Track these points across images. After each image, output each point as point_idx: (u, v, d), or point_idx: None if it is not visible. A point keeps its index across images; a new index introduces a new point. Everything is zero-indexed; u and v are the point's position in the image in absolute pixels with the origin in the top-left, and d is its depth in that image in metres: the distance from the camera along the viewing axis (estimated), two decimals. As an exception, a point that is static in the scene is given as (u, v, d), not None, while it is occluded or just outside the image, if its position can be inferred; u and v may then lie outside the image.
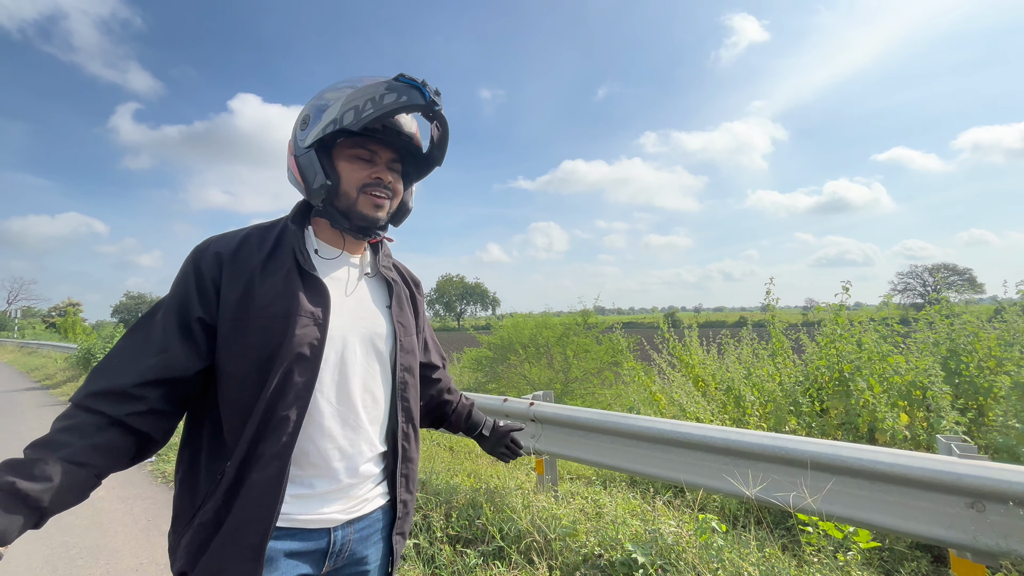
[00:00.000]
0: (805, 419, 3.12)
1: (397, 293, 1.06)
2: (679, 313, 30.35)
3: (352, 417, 0.93)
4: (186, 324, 0.86)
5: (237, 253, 0.90)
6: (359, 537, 0.95)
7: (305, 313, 0.87)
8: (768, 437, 2.15)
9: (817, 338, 3.40)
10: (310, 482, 0.89)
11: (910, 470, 1.77)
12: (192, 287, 0.87)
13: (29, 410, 7.84)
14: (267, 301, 0.87)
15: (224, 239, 0.93)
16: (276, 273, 0.90)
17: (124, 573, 2.64)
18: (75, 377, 10.79)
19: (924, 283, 58.05)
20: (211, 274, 0.88)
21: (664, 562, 2.10)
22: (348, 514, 0.93)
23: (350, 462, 0.92)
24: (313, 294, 0.90)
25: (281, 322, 0.86)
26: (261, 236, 0.95)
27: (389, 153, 0.99)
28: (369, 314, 0.99)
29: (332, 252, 1.00)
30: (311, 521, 0.89)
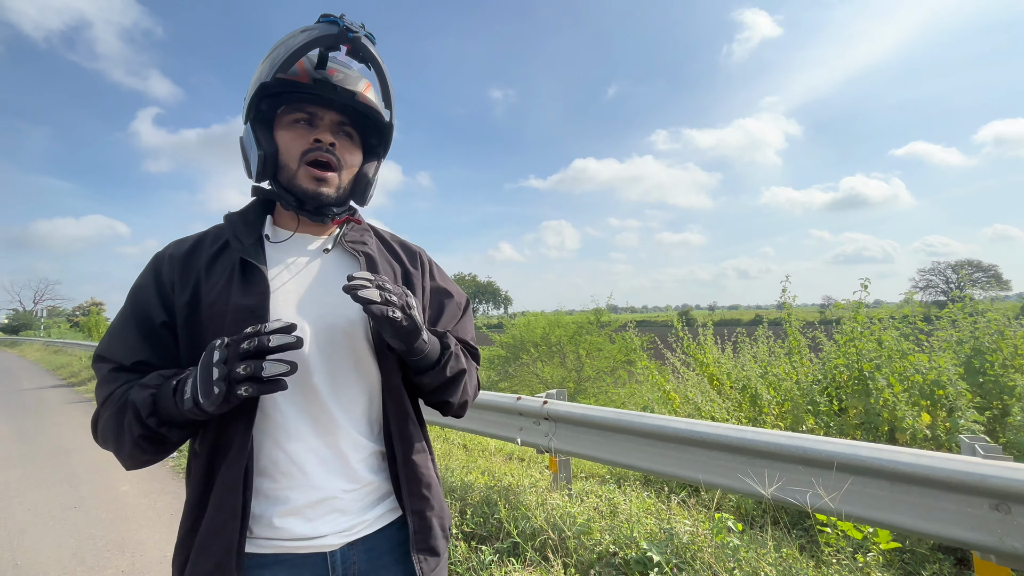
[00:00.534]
0: (823, 418, 3.07)
1: (371, 264, 0.90)
2: (693, 311, 30.13)
3: (324, 416, 0.80)
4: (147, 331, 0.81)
5: (189, 255, 0.85)
6: (369, 558, 0.82)
7: (239, 307, 0.78)
8: (785, 436, 2.13)
9: (835, 336, 3.35)
10: (285, 495, 0.78)
11: (932, 470, 1.74)
12: (151, 293, 0.82)
13: (56, 406, 8.07)
14: (211, 300, 0.80)
15: (181, 242, 0.88)
16: (222, 269, 0.83)
17: (149, 565, 2.71)
18: (99, 375, 11.07)
19: (947, 280, 56.66)
20: (168, 278, 0.83)
21: (679, 561, 2.09)
22: (347, 536, 0.80)
23: (330, 466, 0.80)
24: (251, 285, 0.80)
25: (220, 320, 0.78)
26: (217, 234, 0.88)
27: (332, 114, 0.87)
28: (332, 298, 0.84)
29: (284, 234, 0.89)
30: (298, 545, 0.77)
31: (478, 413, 3.50)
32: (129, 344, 0.80)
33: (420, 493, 0.86)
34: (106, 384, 0.80)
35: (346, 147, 0.89)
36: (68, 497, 3.80)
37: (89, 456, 4.94)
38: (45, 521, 3.36)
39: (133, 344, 0.80)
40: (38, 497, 3.82)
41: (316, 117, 0.86)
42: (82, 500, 3.73)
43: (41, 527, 3.26)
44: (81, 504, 3.65)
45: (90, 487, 4.01)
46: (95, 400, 0.83)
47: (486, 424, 3.44)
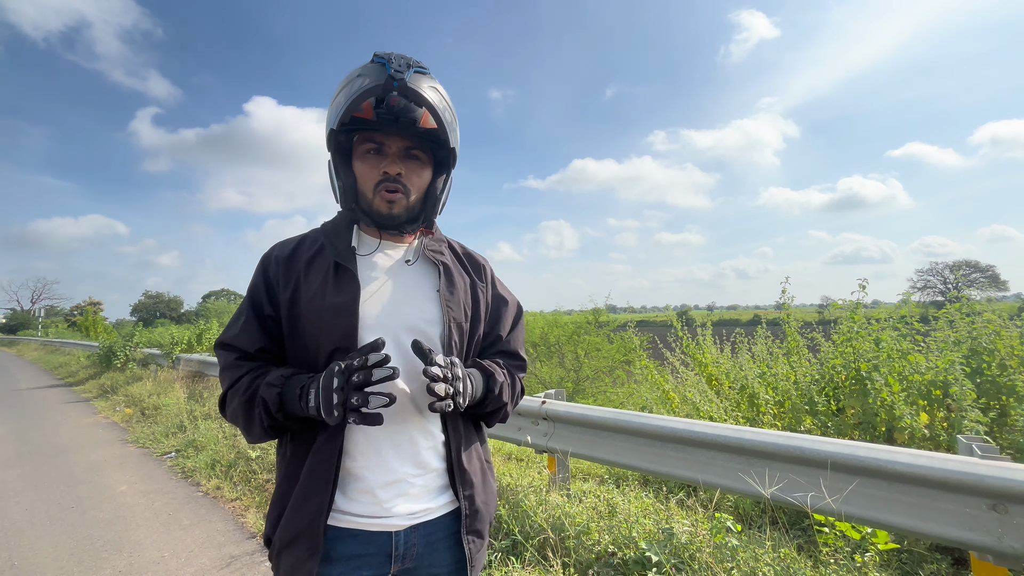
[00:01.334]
0: (821, 418, 3.08)
1: (447, 276, 1.01)
2: (692, 311, 30.07)
3: (400, 405, 0.91)
4: (263, 320, 0.96)
5: (291, 256, 0.97)
6: (428, 542, 0.93)
7: (336, 305, 0.90)
8: (783, 436, 2.13)
9: (833, 336, 3.35)
10: (363, 474, 0.90)
11: (930, 471, 1.75)
12: (261, 290, 0.96)
13: (55, 406, 8.05)
14: (309, 297, 0.92)
15: (283, 244, 1.01)
16: (319, 271, 0.95)
17: (147, 565, 2.71)
18: (97, 375, 11.04)
19: (945, 280, 56.78)
20: (274, 276, 0.96)
21: (678, 561, 2.10)
22: (411, 520, 0.91)
23: (401, 451, 0.91)
24: (344, 285, 0.92)
25: (317, 315, 0.90)
26: (315, 238, 1.00)
27: (398, 141, 0.94)
28: (416, 300, 0.97)
29: (370, 245, 1.00)
30: (370, 523, 0.89)
31: (477, 413, 3.50)
32: (250, 334, 0.94)
33: (471, 482, 0.97)
34: (232, 370, 0.93)
35: (413, 170, 0.97)
36: (66, 497, 3.79)
37: (87, 456, 4.93)
38: (43, 521, 3.35)
39: (253, 334, 0.95)
40: (36, 497, 3.81)
41: (384, 146, 0.95)
42: (80, 500, 3.72)
43: (38, 527, 3.26)
44: (79, 504, 3.64)
45: (88, 487, 4.00)
46: (220, 382, 0.97)
47: (485, 424, 3.44)
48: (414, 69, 0.89)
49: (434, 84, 0.93)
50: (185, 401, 6.69)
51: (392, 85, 0.86)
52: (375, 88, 0.86)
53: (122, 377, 9.78)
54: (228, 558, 2.76)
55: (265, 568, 2.64)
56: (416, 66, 0.89)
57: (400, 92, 0.87)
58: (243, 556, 2.78)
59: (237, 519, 3.27)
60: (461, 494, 0.95)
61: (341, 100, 0.89)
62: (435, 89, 0.92)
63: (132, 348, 11.31)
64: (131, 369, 10.47)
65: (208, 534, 3.07)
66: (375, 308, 0.93)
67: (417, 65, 0.90)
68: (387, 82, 0.86)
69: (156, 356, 10.40)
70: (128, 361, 10.94)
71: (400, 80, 0.86)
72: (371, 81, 0.86)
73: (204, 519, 3.30)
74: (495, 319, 1.10)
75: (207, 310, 31.18)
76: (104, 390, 9.07)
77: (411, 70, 0.88)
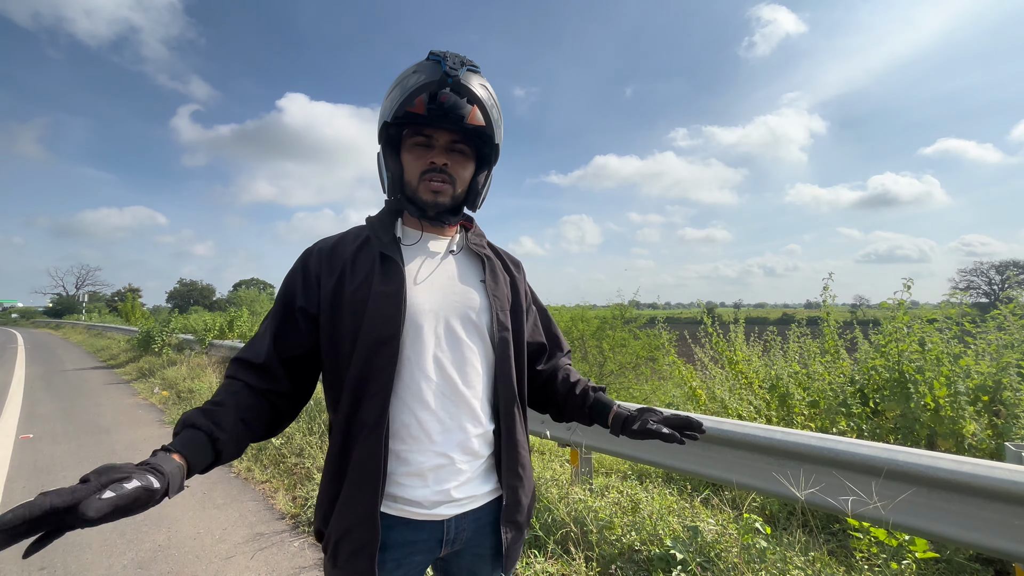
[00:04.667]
0: (855, 420, 2.98)
1: (491, 268, 1.05)
2: (718, 309, 29.63)
3: (450, 390, 0.94)
4: (288, 314, 0.96)
5: (335, 249, 1.00)
6: (476, 527, 0.97)
7: (382, 294, 0.92)
8: (816, 438, 2.07)
9: (873, 337, 3.23)
10: (412, 457, 0.91)
11: (974, 478, 1.68)
12: (298, 283, 0.97)
13: (98, 387, 8.45)
14: (355, 287, 0.94)
15: (327, 239, 1.03)
16: (364, 262, 0.97)
17: (183, 541, 2.83)
18: (136, 358, 11.53)
19: (990, 281, 54.08)
20: (315, 270, 0.98)
21: (704, 560, 2.07)
22: (460, 507, 0.94)
23: (451, 436, 0.93)
24: (390, 275, 0.94)
25: (362, 304, 0.92)
26: (357, 233, 1.03)
27: (447, 135, 0.98)
28: (461, 289, 1.00)
29: (414, 236, 1.03)
30: (420, 512, 0.91)
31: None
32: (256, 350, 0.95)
33: (516, 471, 0.99)
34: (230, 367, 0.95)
35: (458, 162, 1.00)
36: (108, 473, 3.99)
37: (127, 435, 5.17)
38: (87, 495, 3.53)
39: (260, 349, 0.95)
40: (81, 472, 4.01)
41: (432, 139, 0.98)
42: (121, 476, 3.90)
43: (84, 501, 3.43)
44: (120, 480, 3.82)
45: (128, 464, 4.20)
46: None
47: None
48: (467, 67, 0.92)
49: (484, 82, 0.96)
50: (217, 386, 6.93)
51: (446, 81, 0.89)
52: (430, 84, 0.90)
53: (159, 361, 10.19)
54: (258, 536, 2.86)
55: (294, 547, 2.72)
56: (469, 64, 0.92)
57: (453, 88, 0.91)
58: (272, 535, 2.87)
59: (267, 500, 3.38)
60: (504, 483, 0.98)
61: (396, 94, 0.93)
62: (484, 87, 0.95)
63: (168, 334, 11.76)
64: (167, 354, 10.89)
65: (240, 513, 3.18)
66: (422, 296, 0.95)
67: (470, 64, 0.93)
68: (442, 78, 0.89)
69: (190, 341, 10.80)
70: (164, 346, 11.37)
71: (454, 77, 0.89)
72: (426, 77, 0.90)
73: (236, 499, 3.42)
74: (547, 319, 1.19)
75: (238, 298, 32.13)
76: (142, 373, 9.47)
77: (464, 68, 0.91)
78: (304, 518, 3.02)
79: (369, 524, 0.87)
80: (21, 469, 4.12)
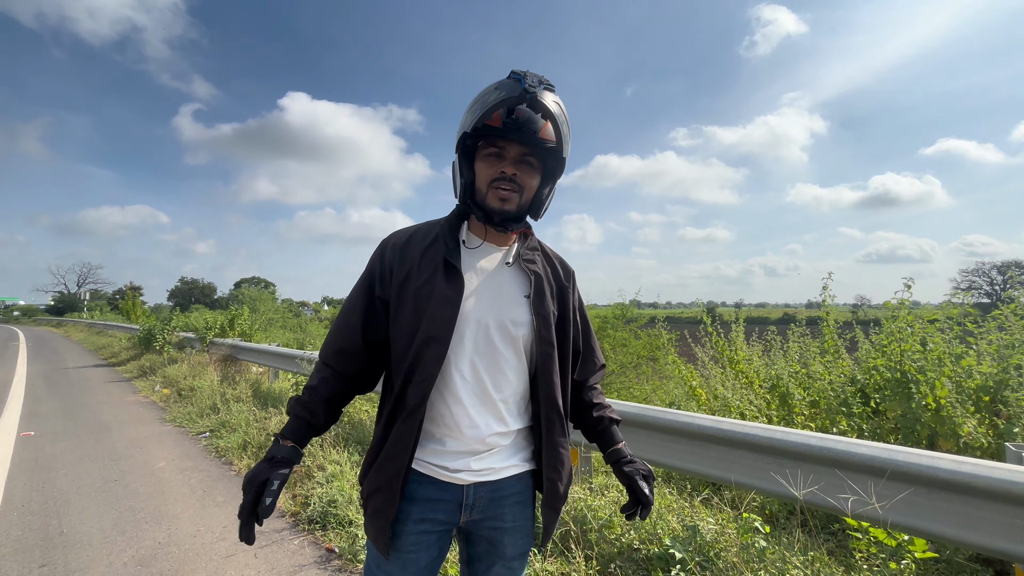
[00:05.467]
0: (856, 420, 2.98)
1: (538, 284, 1.12)
2: (719, 308, 29.38)
3: (481, 391, 1.06)
4: (371, 301, 1.10)
5: (407, 245, 1.11)
6: (492, 498, 1.08)
7: (442, 297, 1.03)
8: (816, 437, 2.07)
9: (873, 336, 3.22)
10: (443, 440, 1.06)
11: (974, 478, 1.67)
12: (376, 272, 1.11)
13: (99, 385, 8.47)
14: (420, 284, 1.05)
15: (400, 233, 1.15)
16: (430, 262, 1.08)
17: (183, 538, 2.83)
18: (137, 356, 11.55)
19: (991, 281, 53.95)
20: (389, 262, 1.10)
21: (703, 559, 2.07)
22: (477, 477, 1.06)
23: (477, 431, 1.05)
24: (451, 281, 1.05)
25: (425, 302, 1.04)
26: (427, 231, 1.13)
27: (517, 148, 1.07)
28: (507, 302, 1.09)
29: (476, 242, 1.13)
30: (445, 474, 1.05)
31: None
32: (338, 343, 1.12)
33: (555, 467, 1.10)
34: (320, 353, 1.14)
35: (526, 173, 1.09)
36: (109, 471, 4.00)
37: (128, 433, 5.18)
38: (88, 492, 3.54)
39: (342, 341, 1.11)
40: (82, 470, 4.03)
41: (505, 150, 1.07)
42: (122, 474, 3.91)
43: (85, 498, 3.44)
44: (121, 478, 3.83)
45: (129, 462, 4.20)
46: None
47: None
48: (544, 86, 1.01)
49: (558, 99, 1.05)
50: (218, 384, 6.94)
51: (524, 97, 0.99)
52: (510, 99, 0.99)
53: (160, 359, 10.20)
54: (258, 534, 2.86)
55: (294, 545, 2.73)
56: (546, 83, 1.02)
57: (530, 104, 1.01)
58: (272, 533, 2.88)
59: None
60: (545, 476, 1.10)
61: (477, 108, 1.03)
62: (558, 104, 1.04)
63: (169, 332, 11.77)
64: (168, 352, 10.90)
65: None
66: (471, 303, 1.06)
67: (547, 83, 1.02)
68: (520, 94, 0.99)
69: (191, 340, 10.80)
70: (165, 344, 11.39)
71: (532, 94, 0.99)
72: (506, 93, 0.99)
73: (236, 497, 3.42)
74: (587, 331, 1.25)
75: (239, 296, 32.14)
76: (144, 371, 9.48)
77: (542, 86, 1.00)
78: (304, 516, 3.03)
79: (392, 489, 1.01)
80: (22, 466, 4.13)
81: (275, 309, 29.18)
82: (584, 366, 1.24)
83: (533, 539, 1.15)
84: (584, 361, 1.24)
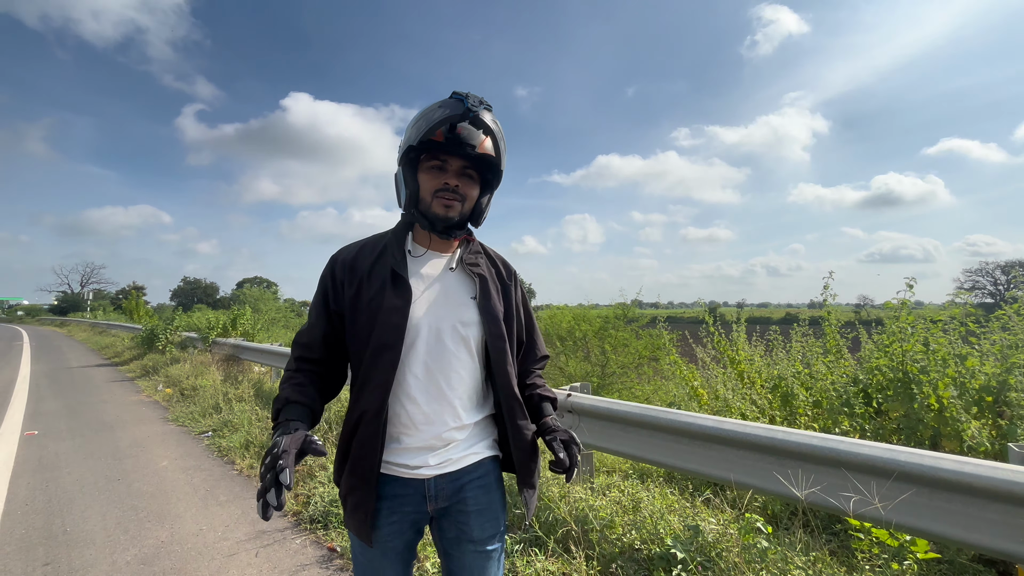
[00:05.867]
0: (858, 421, 2.97)
1: (483, 286, 1.21)
2: (721, 308, 28.98)
3: (435, 391, 1.13)
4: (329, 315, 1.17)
5: (355, 260, 1.18)
6: (455, 486, 1.16)
7: (391, 307, 1.11)
8: (818, 438, 2.07)
9: (875, 336, 3.21)
10: (399, 438, 1.13)
11: (977, 479, 1.67)
12: (329, 288, 1.18)
13: (102, 384, 8.50)
14: (370, 297, 1.13)
15: (348, 248, 1.22)
16: (378, 274, 1.15)
17: (186, 537, 2.84)
18: (140, 355, 11.58)
19: (995, 281, 53.70)
20: (340, 278, 1.17)
21: (704, 559, 2.07)
22: (437, 470, 1.14)
23: (433, 428, 1.13)
24: (399, 291, 1.13)
25: (376, 313, 1.11)
26: (374, 244, 1.22)
27: (459, 161, 1.16)
28: (455, 305, 1.17)
29: (420, 251, 1.21)
30: (406, 472, 1.13)
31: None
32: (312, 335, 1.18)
33: (524, 449, 1.19)
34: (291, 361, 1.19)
35: (467, 184, 1.18)
36: (113, 470, 4.01)
37: (131, 432, 5.20)
38: (91, 491, 3.55)
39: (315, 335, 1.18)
40: (85, 469, 4.05)
41: (447, 163, 1.16)
42: (125, 473, 3.93)
43: (88, 497, 3.46)
44: (124, 477, 3.84)
45: (132, 461, 4.22)
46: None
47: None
48: (484, 106, 1.11)
49: (495, 119, 1.15)
50: (220, 383, 6.96)
51: (468, 115, 1.09)
52: (454, 116, 1.08)
53: (162, 359, 10.23)
54: (261, 533, 2.87)
55: (296, 545, 2.73)
56: (485, 104, 1.12)
57: (472, 122, 1.10)
58: (274, 532, 2.88)
59: (270, 498, 3.39)
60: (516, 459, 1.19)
61: (423, 124, 1.10)
62: (495, 122, 1.15)
63: (172, 331, 11.80)
64: (170, 351, 10.93)
65: (243, 511, 3.19)
66: (421, 309, 1.14)
67: (486, 103, 1.12)
68: (464, 112, 1.08)
69: (193, 339, 10.83)
70: (168, 344, 11.42)
71: (474, 112, 1.09)
72: (451, 111, 1.08)
73: (239, 496, 3.44)
74: (530, 325, 1.34)
75: (241, 296, 32.21)
76: (146, 370, 9.51)
77: (482, 106, 1.10)
78: (306, 516, 3.03)
79: (368, 486, 1.09)
80: (26, 465, 4.15)
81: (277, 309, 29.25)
82: (527, 356, 1.33)
83: (503, 523, 1.22)
84: (527, 351, 1.33)
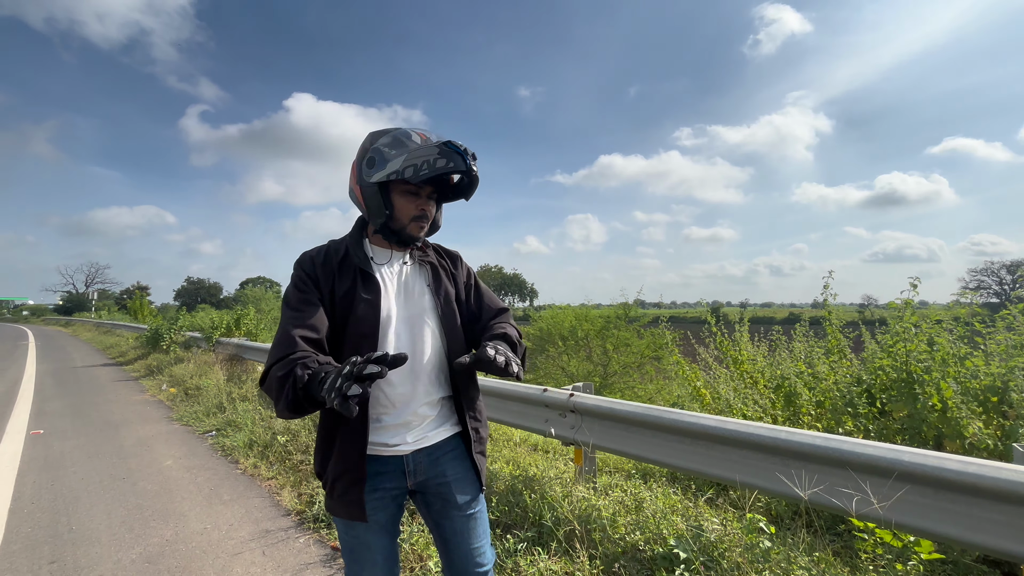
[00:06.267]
0: (862, 421, 2.96)
1: (435, 273, 1.38)
2: (724, 308, 28.76)
3: (407, 370, 1.26)
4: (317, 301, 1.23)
5: (325, 260, 1.29)
6: (431, 460, 1.30)
7: (364, 300, 1.24)
8: (820, 438, 2.06)
9: (879, 336, 3.20)
10: (380, 418, 1.26)
11: (981, 479, 1.66)
12: (308, 281, 1.25)
13: (107, 384, 8.55)
14: (343, 292, 1.25)
15: (314, 251, 1.33)
16: (348, 273, 1.28)
17: (191, 536, 2.86)
18: (144, 355, 11.63)
19: (1001, 281, 53.40)
20: (313, 274, 1.26)
21: (707, 559, 2.07)
22: (414, 446, 1.28)
23: (409, 406, 1.27)
24: (369, 287, 1.27)
25: (349, 306, 1.24)
26: (336, 248, 1.34)
27: (430, 188, 1.32)
28: (417, 294, 1.33)
29: (384, 256, 1.36)
30: (386, 450, 1.26)
31: (504, 403, 3.52)
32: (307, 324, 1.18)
33: (476, 416, 1.38)
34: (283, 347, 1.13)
35: (434, 207, 1.35)
36: (117, 469, 4.04)
37: (136, 431, 5.23)
38: (97, 490, 3.57)
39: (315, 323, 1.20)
40: (90, 467, 4.07)
41: (422, 190, 1.30)
42: (130, 472, 3.95)
43: (93, 495, 3.48)
44: (129, 476, 3.87)
45: (137, 460, 4.24)
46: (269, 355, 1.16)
47: (512, 415, 3.46)
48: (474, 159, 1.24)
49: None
50: (224, 383, 6.99)
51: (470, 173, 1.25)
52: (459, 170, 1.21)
53: (167, 358, 10.28)
54: (265, 532, 2.88)
55: (300, 543, 2.74)
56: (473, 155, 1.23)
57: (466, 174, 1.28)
58: (278, 531, 2.90)
59: (273, 496, 3.41)
60: (469, 426, 1.34)
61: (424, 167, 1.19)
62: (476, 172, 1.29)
63: (176, 331, 11.85)
64: (175, 351, 10.98)
65: (247, 509, 3.21)
66: (389, 300, 1.28)
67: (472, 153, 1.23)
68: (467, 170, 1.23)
69: (197, 339, 10.87)
70: (172, 343, 11.46)
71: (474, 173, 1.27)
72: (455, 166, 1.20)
73: (243, 495, 3.45)
74: (478, 296, 1.46)
75: (245, 296, 32.30)
76: (151, 370, 9.56)
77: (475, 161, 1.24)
78: (310, 515, 3.05)
79: (358, 468, 1.20)
80: (32, 464, 4.18)
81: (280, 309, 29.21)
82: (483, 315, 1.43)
83: (479, 486, 1.35)
84: (482, 313, 1.43)
